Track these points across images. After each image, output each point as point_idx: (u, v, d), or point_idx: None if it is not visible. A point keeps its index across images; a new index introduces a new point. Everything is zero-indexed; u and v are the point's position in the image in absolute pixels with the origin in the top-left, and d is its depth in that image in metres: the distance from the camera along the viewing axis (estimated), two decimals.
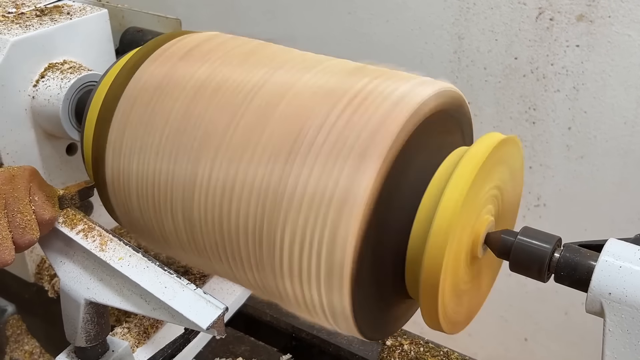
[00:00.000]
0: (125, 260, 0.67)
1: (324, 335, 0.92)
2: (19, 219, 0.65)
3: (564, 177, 1.44)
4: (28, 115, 0.89)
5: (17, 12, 0.93)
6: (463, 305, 0.66)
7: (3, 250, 0.63)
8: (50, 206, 0.68)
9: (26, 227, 0.65)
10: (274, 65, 0.68)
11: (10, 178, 0.66)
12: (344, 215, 0.57)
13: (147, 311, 0.65)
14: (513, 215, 0.72)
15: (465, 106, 0.69)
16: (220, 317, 0.61)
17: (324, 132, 0.60)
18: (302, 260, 0.60)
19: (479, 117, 1.47)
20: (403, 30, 1.49)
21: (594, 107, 1.34)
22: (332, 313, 0.62)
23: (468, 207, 0.59)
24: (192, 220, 0.67)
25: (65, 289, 0.69)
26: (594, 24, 1.27)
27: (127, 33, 1.03)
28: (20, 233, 0.65)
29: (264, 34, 0.80)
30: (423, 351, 0.86)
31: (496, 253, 0.64)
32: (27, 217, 0.65)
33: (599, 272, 0.57)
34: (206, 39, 0.75)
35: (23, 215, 0.65)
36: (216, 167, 0.64)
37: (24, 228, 0.65)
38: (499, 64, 1.41)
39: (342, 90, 0.63)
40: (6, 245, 0.64)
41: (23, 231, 0.65)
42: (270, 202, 0.61)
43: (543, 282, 0.62)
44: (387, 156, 0.57)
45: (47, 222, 0.68)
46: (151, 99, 0.70)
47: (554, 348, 1.62)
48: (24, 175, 0.67)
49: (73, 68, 0.89)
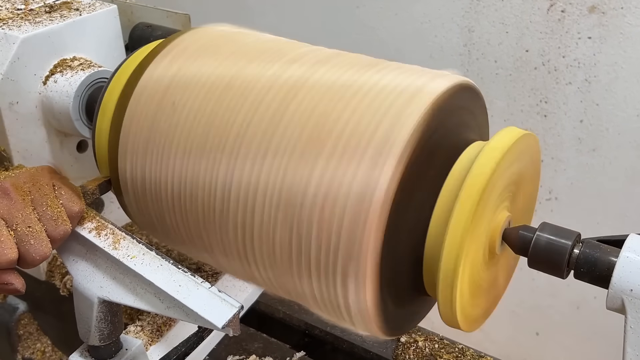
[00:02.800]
0: (138, 258, 0.66)
1: (337, 332, 0.91)
2: (50, 212, 0.65)
3: (576, 170, 1.43)
4: (38, 112, 0.89)
5: (27, 8, 0.93)
6: (480, 302, 0.65)
7: (40, 243, 0.63)
8: (77, 198, 0.68)
9: (58, 219, 0.65)
10: (287, 59, 0.67)
11: (32, 176, 0.66)
12: (363, 211, 0.56)
13: (161, 310, 0.65)
14: (530, 211, 0.71)
15: (481, 99, 0.68)
16: (235, 316, 0.61)
17: (339, 128, 0.59)
18: (320, 257, 0.59)
19: (489, 111, 1.45)
20: (412, 23, 1.49)
21: (606, 99, 1.33)
22: (354, 313, 0.62)
23: (486, 203, 0.58)
24: (197, 216, 0.67)
25: (79, 288, 0.68)
26: (606, 16, 1.26)
27: (137, 29, 1.02)
28: (53, 225, 0.64)
29: (273, 29, 0.79)
30: (438, 348, 0.85)
31: (514, 249, 0.63)
32: (57, 210, 0.65)
33: (620, 268, 0.56)
34: (217, 36, 0.75)
35: (52, 209, 0.65)
36: (229, 166, 0.63)
37: (55, 220, 0.65)
38: (510, 56, 1.40)
39: (356, 84, 0.62)
40: (42, 237, 0.63)
41: (55, 223, 0.65)
42: (285, 200, 0.60)
43: (562, 278, 0.61)
44: (404, 153, 0.56)
45: (77, 214, 0.67)
46: (164, 95, 0.70)
47: (565, 342, 1.62)
48: (44, 173, 0.67)
49: (83, 64, 0.89)
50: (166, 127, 0.68)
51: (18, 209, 0.62)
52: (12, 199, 0.63)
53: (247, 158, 0.62)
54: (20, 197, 0.63)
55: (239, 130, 0.63)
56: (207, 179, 0.65)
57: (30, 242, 0.62)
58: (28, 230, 0.62)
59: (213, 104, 0.66)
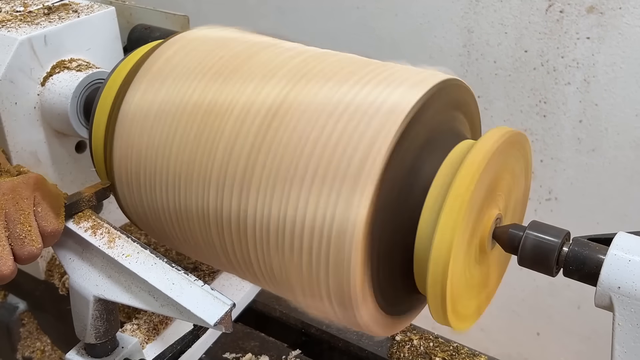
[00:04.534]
0: (133, 257, 0.67)
1: (333, 331, 0.92)
2: (19, 230, 0.62)
3: (575, 171, 1.43)
4: (37, 113, 0.89)
5: (25, 10, 0.93)
6: (471, 301, 0.66)
7: (3, 262, 0.61)
8: (54, 217, 0.66)
9: (26, 238, 0.63)
10: (266, 72, 0.67)
11: (13, 188, 0.64)
12: (356, 190, 0.58)
13: (155, 308, 0.65)
14: (522, 209, 0.72)
15: (469, 96, 0.69)
16: (227, 313, 0.62)
17: (316, 158, 0.60)
18: (320, 245, 0.60)
19: (489, 111, 1.47)
20: (412, 24, 1.49)
21: (605, 99, 1.33)
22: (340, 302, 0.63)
23: (475, 201, 0.59)
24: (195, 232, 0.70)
25: (75, 286, 0.69)
26: (604, 16, 1.26)
27: (135, 30, 1.03)
28: (19, 245, 0.62)
29: (273, 30, 0.80)
30: (433, 346, 0.85)
31: (504, 247, 0.63)
32: (28, 228, 0.63)
33: (608, 266, 0.57)
34: (199, 45, 0.75)
35: (23, 227, 0.63)
36: (218, 196, 0.66)
37: (23, 239, 0.62)
38: (509, 57, 1.40)
39: (332, 103, 0.62)
40: (3, 255, 0.61)
41: (22, 243, 0.62)
42: (273, 230, 0.62)
43: (552, 276, 0.62)
44: (379, 183, 0.58)
45: (50, 233, 0.65)
46: (145, 122, 0.71)
47: (566, 342, 1.62)
48: (28, 185, 0.65)
49: (81, 66, 0.89)
50: (154, 156, 0.70)
51: None
52: None
53: (233, 189, 0.64)
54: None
55: (222, 160, 0.65)
56: (198, 205, 0.67)
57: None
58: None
59: (195, 131, 0.67)
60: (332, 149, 0.60)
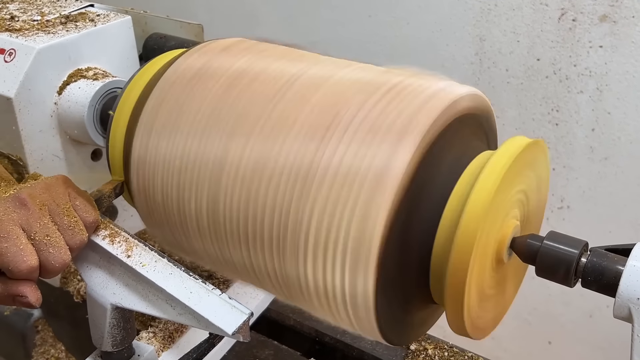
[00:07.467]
0: (150, 265, 0.67)
1: (347, 340, 0.92)
2: (66, 222, 0.65)
3: (588, 179, 1.43)
4: (53, 121, 0.90)
5: (42, 19, 0.94)
6: (488, 310, 0.66)
7: (59, 251, 0.63)
8: (92, 208, 0.69)
9: (75, 227, 0.65)
10: (309, 62, 0.69)
11: (48, 186, 0.66)
12: (377, 193, 0.57)
13: (172, 316, 0.66)
14: (539, 219, 0.72)
15: (491, 114, 0.69)
16: (245, 322, 0.62)
17: (362, 114, 0.60)
18: (328, 238, 0.59)
19: (501, 119, 1.46)
20: (424, 32, 1.49)
21: (618, 108, 1.33)
22: (353, 303, 0.61)
23: (494, 211, 0.59)
24: (217, 199, 0.67)
25: (92, 294, 0.69)
26: (617, 25, 1.26)
27: (150, 39, 1.03)
28: (70, 234, 0.65)
29: (285, 39, 0.80)
30: (447, 356, 0.85)
31: (522, 258, 0.63)
32: (74, 219, 0.66)
33: (627, 277, 0.57)
34: (238, 42, 0.76)
35: (69, 218, 0.66)
36: (249, 145, 0.64)
37: (72, 229, 0.65)
38: (521, 65, 1.40)
39: (379, 82, 0.64)
40: (60, 245, 0.64)
41: (72, 232, 0.65)
42: (301, 179, 0.61)
43: (570, 287, 0.62)
44: (423, 140, 0.58)
45: (91, 223, 0.68)
46: (179, 96, 0.71)
47: (578, 351, 1.61)
48: (59, 183, 0.68)
49: (97, 74, 0.90)
50: (183, 120, 0.70)
51: (36, 219, 0.63)
52: (29, 209, 0.63)
53: (267, 139, 0.64)
54: (37, 207, 0.64)
55: (261, 115, 0.65)
56: (221, 159, 0.67)
57: (50, 251, 0.63)
58: (47, 239, 0.63)
59: (237, 93, 0.68)
60: (382, 107, 0.61)
